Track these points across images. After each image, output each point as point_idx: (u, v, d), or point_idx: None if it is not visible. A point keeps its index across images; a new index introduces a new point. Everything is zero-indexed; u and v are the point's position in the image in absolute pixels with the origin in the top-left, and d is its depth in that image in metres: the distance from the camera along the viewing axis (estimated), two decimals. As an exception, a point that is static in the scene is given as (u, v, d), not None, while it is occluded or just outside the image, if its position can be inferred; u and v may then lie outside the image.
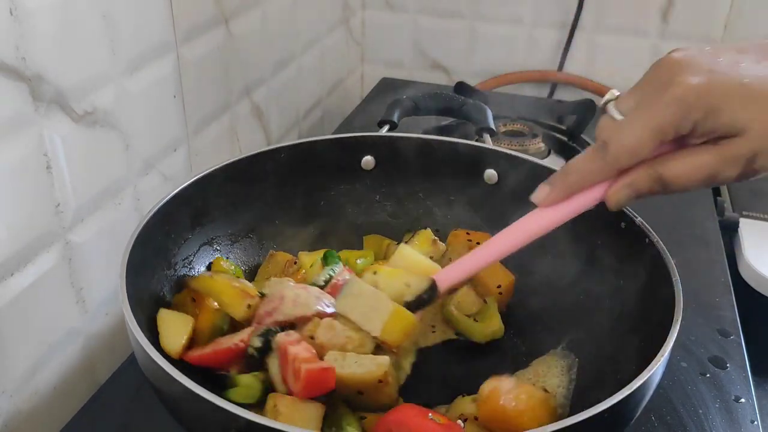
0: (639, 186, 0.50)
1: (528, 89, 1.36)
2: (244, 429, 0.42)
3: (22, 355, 0.61)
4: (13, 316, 0.59)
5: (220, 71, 0.87)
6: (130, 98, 0.70)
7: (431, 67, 1.39)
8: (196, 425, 0.48)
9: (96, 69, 0.64)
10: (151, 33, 0.72)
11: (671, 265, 0.56)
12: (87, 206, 0.66)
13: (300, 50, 1.10)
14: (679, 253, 0.61)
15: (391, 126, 0.84)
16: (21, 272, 0.60)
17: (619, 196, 0.51)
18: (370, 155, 0.77)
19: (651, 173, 0.49)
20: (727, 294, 0.80)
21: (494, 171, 0.74)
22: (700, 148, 0.47)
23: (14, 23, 0.54)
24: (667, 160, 0.48)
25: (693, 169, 0.48)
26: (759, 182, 1.04)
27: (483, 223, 0.75)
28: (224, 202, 0.69)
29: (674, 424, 0.63)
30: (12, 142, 0.56)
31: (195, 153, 0.83)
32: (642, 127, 0.47)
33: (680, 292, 0.53)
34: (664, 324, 0.50)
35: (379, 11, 1.37)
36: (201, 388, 0.43)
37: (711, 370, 0.69)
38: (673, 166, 0.48)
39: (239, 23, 0.89)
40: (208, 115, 0.85)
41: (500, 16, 1.31)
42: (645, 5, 1.23)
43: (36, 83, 0.57)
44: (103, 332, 0.72)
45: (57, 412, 0.66)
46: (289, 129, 1.10)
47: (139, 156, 0.72)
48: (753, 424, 0.63)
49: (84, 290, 0.68)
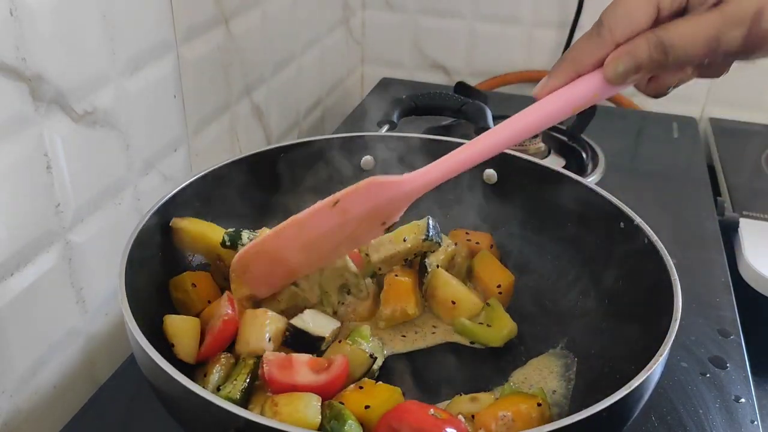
0: (638, 53, 0.47)
1: (528, 89, 1.36)
2: (243, 428, 0.42)
3: (22, 355, 0.62)
4: (13, 316, 0.59)
5: (220, 71, 0.87)
6: (130, 98, 0.70)
7: (431, 67, 1.39)
8: (195, 425, 0.48)
9: (96, 69, 0.64)
10: (151, 33, 0.72)
11: (670, 265, 0.56)
12: (87, 206, 0.66)
13: (300, 50, 1.10)
14: (679, 253, 0.61)
15: (391, 126, 0.84)
16: (21, 272, 0.60)
17: (616, 65, 0.48)
18: (370, 155, 0.77)
19: (651, 38, 0.47)
20: (727, 294, 0.80)
21: (494, 171, 0.74)
22: (702, 12, 0.46)
23: (14, 23, 0.54)
24: (668, 25, 0.47)
25: (695, 31, 0.45)
26: (759, 182, 1.04)
27: (483, 222, 0.75)
28: (224, 202, 0.69)
29: (674, 424, 0.63)
30: (12, 142, 0.56)
31: (195, 153, 0.83)
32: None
33: (679, 292, 0.53)
34: (663, 324, 0.50)
35: (379, 11, 1.37)
36: (200, 388, 0.44)
37: (711, 370, 0.69)
38: (674, 30, 0.46)
39: (239, 23, 0.89)
40: (208, 115, 0.85)
41: (500, 16, 1.31)
42: (645, 5, 1.23)
43: (36, 83, 0.57)
44: (103, 332, 0.72)
45: (57, 412, 0.66)
46: (289, 129, 1.10)
47: (139, 156, 0.73)
48: (753, 424, 0.63)
49: (84, 290, 0.68)
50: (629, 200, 0.65)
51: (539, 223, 0.72)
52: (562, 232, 0.70)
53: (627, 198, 0.65)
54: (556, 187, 0.69)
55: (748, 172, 1.06)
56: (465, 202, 0.76)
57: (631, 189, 0.95)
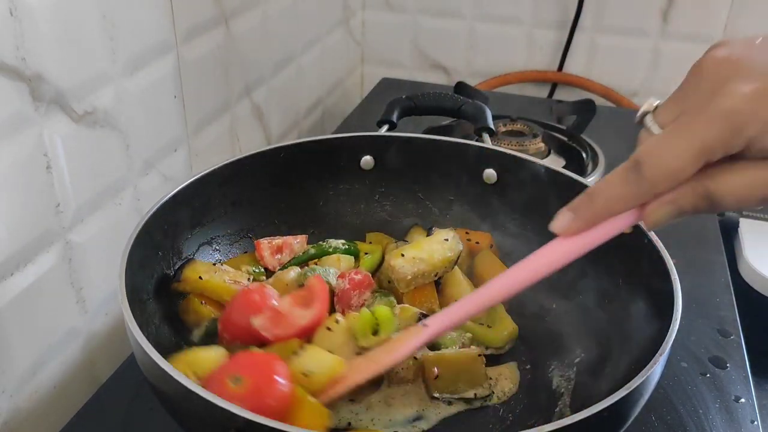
0: (682, 203, 0.42)
1: (528, 89, 1.36)
2: (242, 428, 0.42)
3: (22, 354, 0.62)
4: (13, 316, 0.59)
5: (220, 71, 0.87)
6: (130, 98, 0.70)
7: (431, 67, 1.39)
8: (194, 425, 0.48)
9: (96, 69, 0.64)
10: (151, 33, 0.72)
11: (670, 265, 0.56)
12: (87, 206, 0.66)
13: (300, 50, 1.10)
14: (679, 253, 0.61)
15: (391, 126, 0.84)
16: (21, 272, 0.60)
17: (657, 216, 0.44)
18: (369, 155, 0.77)
19: (697, 189, 0.41)
20: (727, 294, 0.80)
21: (494, 171, 0.74)
22: (757, 161, 0.40)
23: (14, 23, 0.54)
24: (716, 174, 0.41)
25: (748, 185, 0.40)
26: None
27: (482, 223, 0.75)
28: (224, 202, 0.70)
29: (674, 424, 0.63)
30: (12, 142, 0.56)
31: (195, 153, 0.83)
32: (685, 147, 0.40)
33: (679, 292, 0.53)
34: (663, 324, 0.50)
35: (379, 11, 1.37)
36: (200, 388, 0.43)
37: (711, 370, 0.69)
38: (724, 182, 0.41)
39: (239, 23, 0.89)
40: (208, 115, 0.85)
41: (500, 16, 1.31)
42: (645, 5, 1.23)
43: (36, 83, 0.57)
44: (103, 332, 0.72)
45: (57, 411, 0.66)
46: (289, 129, 1.10)
47: (139, 156, 0.73)
48: (753, 424, 0.63)
49: (84, 290, 0.68)
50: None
51: (539, 223, 0.72)
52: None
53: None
54: (556, 187, 0.69)
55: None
56: (465, 202, 0.76)
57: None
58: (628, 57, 1.27)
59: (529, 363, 0.65)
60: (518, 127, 1.08)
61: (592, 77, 1.31)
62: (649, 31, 1.24)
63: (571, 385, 0.60)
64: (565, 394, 0.60)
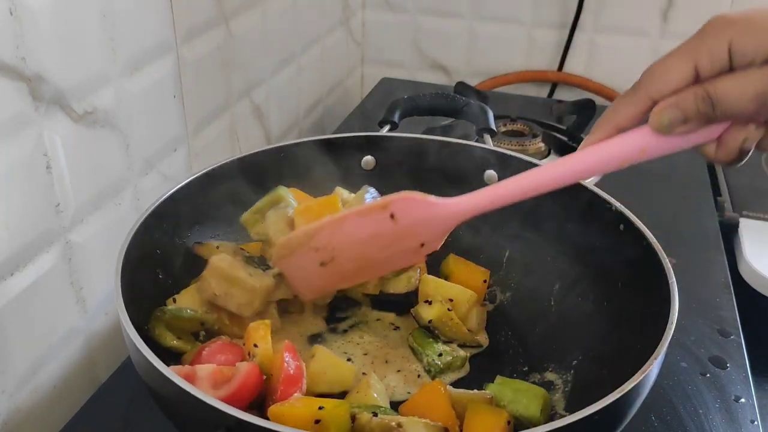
0: (685, 105, 0.47)
1: (528, 89, 1.36)
2: (234, 428, 0.42)
3: (21, 354, 0.62)
4: (13, 316, 0.59)
5: (220, 71, 0.87)
6: (130, 98, 0.70)
7: (431, 67, 1.39)
8: (187, 423, 0.49)
9: (96, 69, 0.64)
10: (151, 33, 0.72)
11: (668, 267, 0.56)
12: (87, 206, 0.66)
13: (300, 50, 1.10)
14: (679, 253, 0.61)
15: (392, 126, 0.84)
16: (21, 272, 0.60)
17: (662, 117, 0.48)
18: (370, 155, 0.77)
19: (698, 91, 0.46)
20: (727, 294, 0.80)
21: (494, 172, 0.74)
22: (751, 68, 0.45)
23: (14, 23, 0.54)
24: (715, 80, 0.46)
25: (743, 85, 0.45)
26: (759, 182, 1.04)
27: (483, 223, 0.75)
28: (223, 202, 0.69)
29: (674, 424, 0.63)
30: (12, 142, 0.56)
31: (195, 153, 0.83)
32: (672, 55, 0.47)
33: (676, 295, 0.53)
34: (661, 326, 0.51)
35: (379, 11, 1.37)
36: (193, 387, 0.44)
37: (711, 370, 0.69)
38: (721, 84, 0.46)
39: (239, 23, 0.89)
40: (208, 115, 0.85)
41: (500, 16, 1.31)
42: (645, 5, 1.23)
43: (36, 83, 0.57)
44: (103, 332, 0.72)
45: (57, 411, 0.66)
46: (289, 129, 1.10)
47: (139, 156, 0.73)
48: (753, 424, 0.63)
49: (84, 290, 0.68)
50: (629, 200, 0.65)
51: (539, 223, 0.72)
52: (562, 233, 0.70)
53: (627, 198, 0.65)
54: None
55: (748, 172, 1.06)
56: (465, 202, 0.76)
57: (631, 189, 0.94)
58: (628, 57, 1.27)
59: (526, 365, 0.65)
60: (518, 127, 1.08)
61: (592, 77, 1.31)
62: (649, 30, 1.24)
63: (568, 387, 0.60)
64: (563, 395, 0.60)
